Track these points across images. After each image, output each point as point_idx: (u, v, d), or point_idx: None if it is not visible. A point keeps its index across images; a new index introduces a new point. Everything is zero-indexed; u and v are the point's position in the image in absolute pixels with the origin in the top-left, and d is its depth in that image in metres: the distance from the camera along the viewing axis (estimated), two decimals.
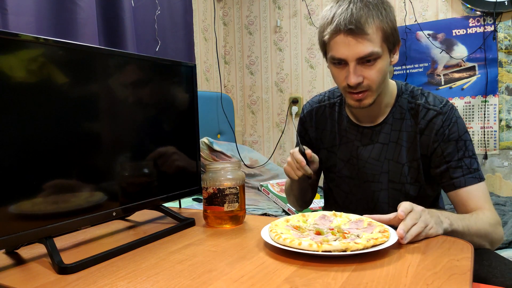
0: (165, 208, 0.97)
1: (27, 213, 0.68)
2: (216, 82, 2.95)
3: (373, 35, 0.88)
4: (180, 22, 2.43)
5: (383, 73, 0.93)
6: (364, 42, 0.87)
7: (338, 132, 1.09)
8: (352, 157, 1.07)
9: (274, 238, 0.71)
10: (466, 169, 0.95)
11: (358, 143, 1.06)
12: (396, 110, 1.02)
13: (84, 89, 0.77)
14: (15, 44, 0.65)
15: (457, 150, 0.96)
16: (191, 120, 1.03)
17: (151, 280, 0.62)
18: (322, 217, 0.85)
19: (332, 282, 0.58)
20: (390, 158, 1.02)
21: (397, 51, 0.97)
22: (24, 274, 0.68)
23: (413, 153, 1.00)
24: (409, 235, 0.73)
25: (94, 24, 1.77)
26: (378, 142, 1.03)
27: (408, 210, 0.76)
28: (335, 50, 0.91)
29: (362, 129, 1.05)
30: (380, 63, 0.90)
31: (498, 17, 2.17)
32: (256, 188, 2.26)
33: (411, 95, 1.02)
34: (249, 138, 3.04)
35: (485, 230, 0.88)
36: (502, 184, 2.23)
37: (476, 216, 0.90)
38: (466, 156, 0.96)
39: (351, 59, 0.89)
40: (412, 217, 0.75)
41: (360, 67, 0.90)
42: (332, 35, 0.90)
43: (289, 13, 2.81)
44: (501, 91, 2.21)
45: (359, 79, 0.90)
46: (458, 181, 0.95)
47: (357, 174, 1.07)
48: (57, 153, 0.71)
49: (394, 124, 1.02)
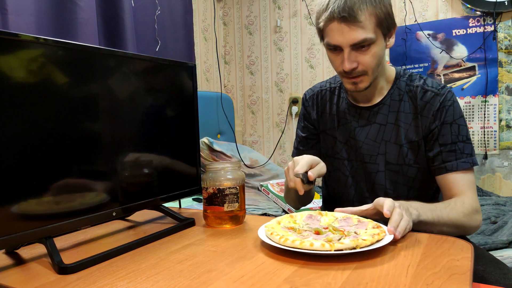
0: (165, 208, 0.97)
1: (27, 213, 0.67)
2: (216, 82, 2.95)
3: (366, 21, 0.90)
4: (180, 22, 2.43)
5: (378, 58, 0.95)
6: (357, 29, 0.90)
7: (337, 114, 1.11)
8: (350, 138, 1.08)
9: (279, 241, 0.70)
10: (459, 153, 0.96)
11: (356, 123, 1.07)
12: (394, 91, 1.04)
13: (84, 89, 0.77)
14: (15, 44, 0.65)
15: (451, 134, 0.97)
16: (191, 120, 1.03)
17: (151, 280, 0.62)
18: (309, 217, 0.85)
19: (332, 282, 0.58)
20: (387, 140, 1.03)
21: (393, 35, 0.99)
22: (24, 274, 0.68)
23: (412, 134, 1.01)
24: (401, 230, 0.74)
25: (94, 24, 1.77)
26: (376, 122, 1.05)
27: (391, 207, 0.77)
28: (330, 37, 0.94)
29: (359, 110, 1.07)
30: (374, 48, 0.93)
31: (498, 17, 2.17)
32: (256, 188, 2.26)
33: (410, 78, 1.04)
34: (249, 138, 3.04)
35: (457, 220, 0.89)
36: (502, 184, 2.23)
37: (451, 206, 0.90)
38: (460, 141, 0.96)
39: (345, 45, 0.92)
40: (398, 212, 0.76)
41: (354, 53, 0.93)
42: (327, 22, 0.93)
43: (289, 13, 2.81)
44: (501, 91, 2.21)
45: (353, 65, 0.93)
46: (450, 164, 0.96)
47: (355, 155, 1.08)
48: (57, 153, 0.71)
49: (392, 105, 1.03)
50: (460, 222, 0.89)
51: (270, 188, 2.17)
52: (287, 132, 2.88)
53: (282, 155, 2.92)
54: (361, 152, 1.06)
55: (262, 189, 2.20)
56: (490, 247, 1.38)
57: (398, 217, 0.75)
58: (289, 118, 2.85)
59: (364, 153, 1.06)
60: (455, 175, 0.96)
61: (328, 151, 1.13)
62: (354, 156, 1.08)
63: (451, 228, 0.88)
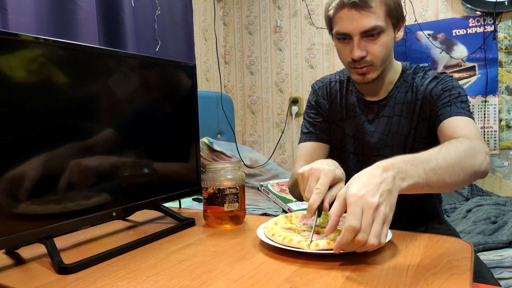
0: (165, 208, 0.97)
1: (27, 213, 0.67)
2: (216, 82, 2.95)
3: (376, 8, 0.90)
4: (180, 22, 2.43)
5: (387, 48, 0.95)
6: (368, 15, 0.90)
7: (345, 106, 1.11)
8: (358, 132, 1.08)
9: (282, 242, 0.70)
10: (455, 108, 0.92)
11: (364, 117, 1.07)
12: (401, 84, 1.04)
13: (84, 89, 0.77)
14: (15, 44, 0.65)
15: (450, 96, 0.95)
16: (191, 120, 1.03)
17: (151, 280, 0.62)
18: (304, 217, 0.84)
19: (332, 282, 0.58)
20: (394, 132, 1.03)
21: (402, 28, 0.99)
22: (24, 274, 0.68)
23: (417, 123, 1.00)
24: (355, 246, 0.59)
25: (94, 24, 1.77)
26: (384, 116, 1.04)
27: (339, 212, 0.61)
28: (340, 25, 0.93)
29: (368, 104, 1.07)
30: (384, 38, 0.93)
31: (498, 17, 2.17)
32: (256, 188, 2.26)
33: (414, 71, 1.05)
34: (249, 138, 3.04)
35: (459, 161, 0.71)
36: (502, 184, 2.23)
37: (447, 147, 0.73)
38: (459, 101, 0.94)
39: (355, 32, 0.92)
40: (348, 225, 0.58)
41: (364, 42, 0.93)
42: (337, 9, 0.93)
43: (289, 13, 2.81)
44: (501, 91, 2.21)
45: (363, 53, 0.93)
46: (444, 114, 0.92)
47: (362, 149, 1.07)
48: (57, 153, 0.71)
49: (398, 98, 1.03)
50: (463, 163, 0.71)
51: (270, 188, 2.17)
52: (287, 132, 2.88)
53: (282, 155, 2.92)
54: (369, 146, 1.06)
55: (262, 189, 2.20)
56: (490, 247, 1.38)
57: (348, 234, 0.59)
58: (289, 118, 2.85)
59: (372, 146, 1.05)
60: (453, 119, 0.90)
61: (337, 143, 1.12)
62: (361, 150, 1.08)
63: (454, 175, 0.70)
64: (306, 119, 1.16)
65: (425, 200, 1.08)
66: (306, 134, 1.13)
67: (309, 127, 1.13)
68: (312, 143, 1.11)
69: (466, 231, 1.61)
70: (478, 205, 1.84)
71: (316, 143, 1.11)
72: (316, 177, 0.72)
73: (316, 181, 0.72)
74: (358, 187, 0.60)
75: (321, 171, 0.72)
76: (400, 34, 0.99)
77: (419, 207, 1.07)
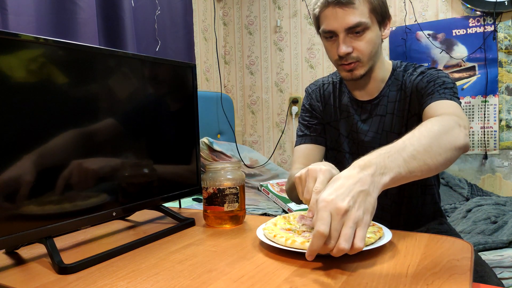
0: (165, 208, 0.97)
1: (27, 213, 0.67)
2: (216, 82, 2.95)
3: (359, 5, 0.93)
4: (180, 22, 2.43)
5: (373, 45, 0.97)
6: (351, 12, 0.92)
7: (339, 107, 1.12)
8: (352, 131, 1.09)
9: (285, 243, 0.70)
10: (437, 94, 0.92)
11: (358, 117, 1.08)
12: (392, 83, 1.05)
13: (84, 89, 0.77)
14: (15, 44, 0.65)
15: (434, 85, 0.94)
16: (191, 120, 1.03)
17: (151, 280, 0.62)
18: (302, 217, 0.84)
19: (332, 282, 0.58)
20: (387, 130, 1.04)
21: (388, 27, 1.01)
22: (24, 274, 0.68)
23: (408, 120, 1.01)
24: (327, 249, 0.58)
25: (94, 24, 1.77)
26: (377, 115, 1.06)
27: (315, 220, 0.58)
28: (326, 23, 0.96)
29: (361, 104, 1.08)
30: (369, 34, 0.95)
31: (498, 17, 2.17)
32: (256, 188, 2.26)
33: (404, 69, 1.06)
34: (249, 138, 3.04)
35: (431, 143, 0.68)
36: (502, 184, 2.23)
37: (420, 130, 0.71)
38: (442, 88, 0.93)
39: (340, 29, 0.94)
40: (317, 231, 0.56)
41: (349, 38, 0.95)
42: (322, 8, 0.96)
43: (289, 13, 2.81)
44: (501, 91, 2.21)
45: (348, 49, 0.95)
46: (426, 102, 0.91)
47: (357, 148, 1.08)
48: (57, 153, 0.71)
49: (390, 96, 1.05)
50: (440, 141, 0.69)
51: (270, 188, 2.17)
52: (287, 132, 2.88)
53: (282, 155, 2.92)
54: (364, 145, 1.06)
55: (262, 189, 2.20)
56: (490, 247, 1.38)
57: (317, 240, 0.57)
58: (289, 118, 2.85)
59: (366, 145, 1.06)
60: (431, 105, 0.90)
61: (332, 143, 1.13)
62: (356, 149, 1.08)
63: (434, 155, 0.67)
64: (301, 122, 1.18)
65: (424, 197, 1.08)
66: (302, 137, 1.15)
67: (304, 130, 1.15)
68: (308, 145, 1.13)
69: (466, 231, 1.61)
70: (478, 205, 1.84)
71: (311, 145, 1.12)
72: (314, 178, 0.71)
73: (314, 181, 0.71)
74: (329, 192, 0.59)
75: (318, 171, 0.71)
76: (387, 32, 1.01)
77: (417, 204, 1.07)
